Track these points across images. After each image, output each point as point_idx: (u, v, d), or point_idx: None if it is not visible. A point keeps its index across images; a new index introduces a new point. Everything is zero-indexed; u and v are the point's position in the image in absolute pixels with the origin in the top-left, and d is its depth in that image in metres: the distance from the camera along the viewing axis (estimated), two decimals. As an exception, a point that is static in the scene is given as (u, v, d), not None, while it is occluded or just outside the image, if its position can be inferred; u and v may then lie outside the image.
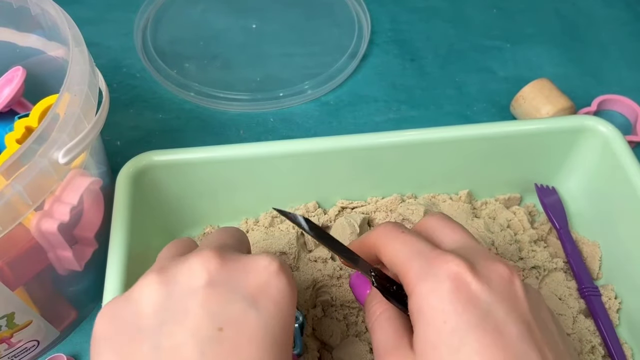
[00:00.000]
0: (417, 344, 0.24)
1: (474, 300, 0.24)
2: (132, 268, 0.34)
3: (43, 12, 0.34)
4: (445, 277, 0.24)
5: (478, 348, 0.22)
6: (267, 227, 0.41)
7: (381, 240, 0.28)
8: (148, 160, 0.37)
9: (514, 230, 0.42)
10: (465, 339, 0.23)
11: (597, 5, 0.63)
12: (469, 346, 0.23)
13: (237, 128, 0.51)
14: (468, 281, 0.24)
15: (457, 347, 0.23)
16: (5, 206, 0.26)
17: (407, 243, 0.27)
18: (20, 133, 0.35)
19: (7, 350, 0.34)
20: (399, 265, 0.26)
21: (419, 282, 0.25)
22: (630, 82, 0.56)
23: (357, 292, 0.31)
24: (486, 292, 0.24)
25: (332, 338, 0.36)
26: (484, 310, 0.23)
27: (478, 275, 0.24)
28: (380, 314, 0.28)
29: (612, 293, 0.39)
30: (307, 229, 0.28)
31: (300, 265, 0.39)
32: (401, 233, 0.28)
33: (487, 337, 0.23)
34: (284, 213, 0.29)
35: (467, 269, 0.24)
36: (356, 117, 0.52)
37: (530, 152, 0.42)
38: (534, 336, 0.24)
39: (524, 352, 0.23)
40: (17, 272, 0.32)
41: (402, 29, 0.60)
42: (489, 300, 0.24)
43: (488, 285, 0.24)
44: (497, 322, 0.23)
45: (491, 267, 0.25)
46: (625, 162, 0.39)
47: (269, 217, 0.41)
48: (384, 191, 0.43)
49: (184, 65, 0.55)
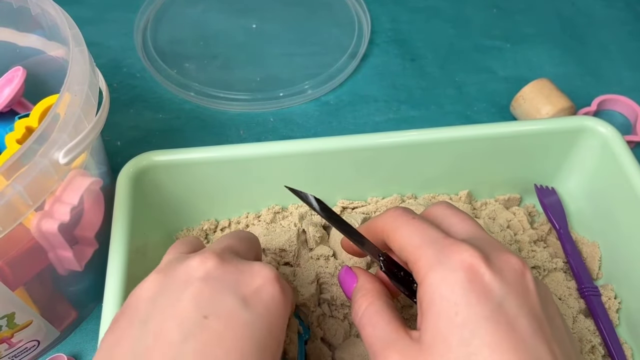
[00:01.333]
0: (426, 334, 0.24)
1: (487, 292, 0.23)
2: (132, 267, 0.34)
3: (43, 12, 0.34)
4: (459, 267, 0.24)
5: (489, 341, 0.22)
6: (269, 222, 0.41)
7: (390, 225, 0.27)
8: (148, 160, 0.37)
9: (513, 231, 0.42)
10: (477, 331, 0.22)
11: (597, 5, 0.63)
12: (480, 339, 0.22)
13: (237, 128, 0.51)
14: (481, 272, 0.24)
15: (468, 339, 0.22)
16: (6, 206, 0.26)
17: (418, 229, 0.26)
18: (20, 133, 0.35)
19: (7, 350, 0.35)
20: (409, 251, 0.26)
21: (431, 271, 0.24)
22: (630, 82, 0.56)
23: (345, 288, 0.30)
24: (499, 284, 0.23)
25: (334, 337, 0.36)
26: (497, 303, 0.23)
27: (491, 266, 0.24)
28: (367, 307, 0.27)
29: (612, 293, 0.40)
30: (318, 209, 0.28)
31: (301, 262, 0.39)
32: (412, 219, 0.27)
33: (499, 330, 0.22)
34: (296, 192, 0.29)
35: (480, 260, 0.24)
36: (356, 117, 0.52)
37: (530, 153, 0.42)
38: (544, 331, 0.23)
39: (534, 346, 0.22)
40: (18, 272, 0.32)
41: (402, 29, 0.60)
42: (502, 292, 0.23)
43: (501, 277, 0.24)
44: (509, 315, 0.23)
45: (503, 258, 0.25)
46: (625, 163, 0.39)
47: (270, 213, 0.41)
48: (384, 191, 0.43)
49: (184, 65, 0.55)
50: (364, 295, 0.27)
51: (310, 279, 0.37)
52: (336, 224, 0.29)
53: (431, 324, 0.23)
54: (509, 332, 0.22)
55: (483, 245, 0.25)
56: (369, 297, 0.27)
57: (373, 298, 0.27)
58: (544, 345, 0.23)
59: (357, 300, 0.28)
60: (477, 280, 0.23)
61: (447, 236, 0.26)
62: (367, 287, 0.28)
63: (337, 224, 0.29)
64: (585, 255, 0.42)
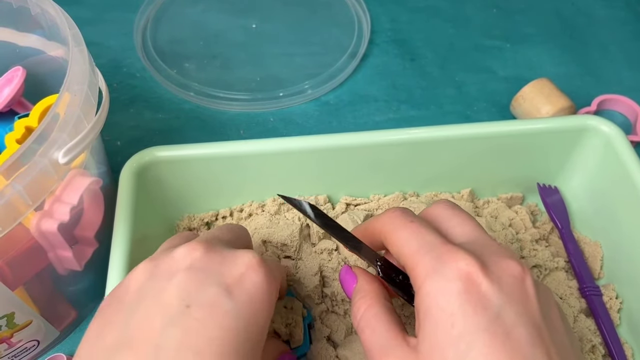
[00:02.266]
0: (423, 343, 0.24)
1: (484, 302, 0.23)
2: (135, 262, 0.33)
3: (43, 12, 0.34)
4: (456, 277, 0.23)
5: (486, 353, 0.22)
6: (273, 214, 0.41)
7: (388, 227, 0.27)
8: (151, 156, 0.38)
9: (515, 230, 0.42)
10: (474, 343, 0.22)
11: (597, 5, 0.63)
12: (477, 351, 0.22)
13: (237, 128, 0.51)
14: (478, 282, 0.23)
15: (464, 351, 0.22)
16: (5, 206, 0.26)
17: (415, 233, 0.26)
18: (20, 133, 0.35)
19: (7, 350, 0.34)
20: (407, 256, 0.26)
21: (427, 279, 0.24)
22: (630, 82, 0.56)
23: (345, 287, 0.30)
24: (497, 294, 0.23)
25: (336, 334, 0.35)
26: (494, 313, 0.23)
27: (489, 274, 0.24)
28: (366, 310, 0.27)
29: (613, 293, 0.39)
30: (313, 217, 0.28)
31: (304, 255, 0.38)
32: (410, 222, 0.27)
33: (496, 341, 0.22)
34: (289, 200, 0.29)
35: (478, 268, 0.24)
36: (356, 117, 0.52)
37: (532, 152, 0.42)
38: (543, 339, 0.23)
39: (532, 355, 0.22)
40: (17, 272, 0.32)
41: (402, 28, 0.60)
42: (499, 302, 0.23)
43: (499, 285, 0.24)
44: (506, 325, 0.23)
45: (502, 264, 0.24)
46: (628, 162, 0.39)
47: (276, 204, 0.41)
48: (387, 189, 0.43)
49: (184, 65, 0.55)
50: (362, 298, 0.27)
51: (313, 271, 0.37)
52: (332, 230, 0.28)
53: (428, 333, 0.23)
54: (506, 342, 0.22)
55: (482, 251, 0.25)
56: (368, 300, 0.27)
57: (372, 301, 0.27)
58: (543, 354, 0.23)
59: (356, 302, 0.27)
60: (473, 290, 0.23)
61: (445, 242, 0.25)
62: (366, 288, 0.28)
63: (332, 231, 0.28)
64: (587, 254, 0.42)
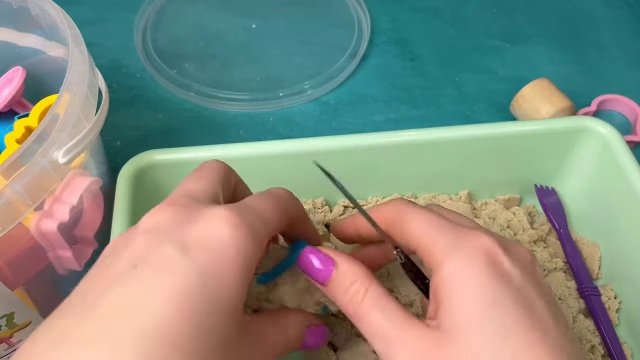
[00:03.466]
0: (445, 319, 0.23)
1: (507, 277, 0.23)
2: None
3: (43, 12, 0.35)
4: (480, 252, 0.23)
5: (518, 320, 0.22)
6: None
7: (398, 212, 0.27)
8: (149, 159, 0.37)
9: (513, 231, 0.42)
10: (507, 310, 0.22)
11: (597, 5, 0.63)
12: (510, 317, 0.22)
13: (237, 128, 0.51)
14: (500, 260, 0.23)
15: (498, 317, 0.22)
16: (5, 206, 0.26)
17: (427, 217, 0.26)
18: (20, 133, 0.35)
19: (7, 350, 0.34)
20: (421, 238, 0.25)
21: (449, 256, 0.24)
22: (630, 82, 0.56)
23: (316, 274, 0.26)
24: (518, 271, 0.24)
25: (336, 337, 0.35)
26: (516, 287, 0.23)
27: (509, 254, 0.24)
28: (368, 291, 0.24)
29: (612, 293, 0.39)
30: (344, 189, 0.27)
31: None
32: (421, 208, 0.27)
33: (525, 310, 0.22)
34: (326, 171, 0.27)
35: (498, 247, 0.24)
36: (356, 117, 0.52)
37: (530, 153, 0.42)
38: (558, 318, 0.24)
39: (554, 329, 0.23)
40: (17, 272, 0.32)
41: (402, 29, 0.60)
42: (520, 279, 0.23)
43: (519, 265, 0.24)
44: (528, 299, 0.23)
45: (517, 248, 0.25)
46: (625, 163, 0.39)
47: None
48: (384, 191, 0.43)
49: (184, 65, 0.55)
50: (358, 279, 0.25)
51: None
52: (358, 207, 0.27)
53: (454, 307, 0.23)
54: (532, 313, 0.23)
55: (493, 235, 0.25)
56: (366, 281, 0.25)
57: (371, 280, 0.25)
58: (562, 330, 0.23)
59: (349, 285, 0.25)
60: (497, 266, 0.23)
61: (459, 224, 0.25)
62: (355, 270, 0.25)
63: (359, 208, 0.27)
64: (585, 255, 0.42)
